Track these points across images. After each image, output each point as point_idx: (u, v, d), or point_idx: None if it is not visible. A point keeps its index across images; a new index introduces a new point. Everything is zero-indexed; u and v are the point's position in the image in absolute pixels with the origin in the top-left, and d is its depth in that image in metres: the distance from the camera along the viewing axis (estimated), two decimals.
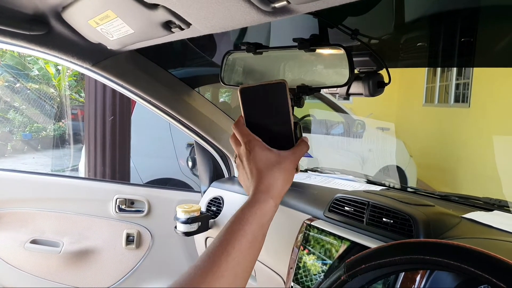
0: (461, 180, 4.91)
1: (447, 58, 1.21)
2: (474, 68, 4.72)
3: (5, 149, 6.43)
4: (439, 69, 5.84)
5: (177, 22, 0.75)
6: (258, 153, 0.65)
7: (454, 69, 5.45)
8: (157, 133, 3.48)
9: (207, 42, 1.35)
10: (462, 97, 5.40)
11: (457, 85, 5.60)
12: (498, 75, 4.14)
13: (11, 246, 1.68)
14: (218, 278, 0.55)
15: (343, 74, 0.70)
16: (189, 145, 2.55)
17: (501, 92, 4.26)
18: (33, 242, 1.69)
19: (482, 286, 0.71)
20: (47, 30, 0.96)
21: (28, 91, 6.41)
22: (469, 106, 5.12)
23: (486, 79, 4.68)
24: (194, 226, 1.40)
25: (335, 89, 0.89)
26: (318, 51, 0.73)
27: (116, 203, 1.69)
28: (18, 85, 6.40)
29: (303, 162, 2.15)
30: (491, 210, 1.08)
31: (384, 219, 0.94)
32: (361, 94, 0.90)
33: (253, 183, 0.65)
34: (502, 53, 1.06)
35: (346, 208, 1.04)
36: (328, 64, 0.74)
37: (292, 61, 0.78)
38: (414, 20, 1.05)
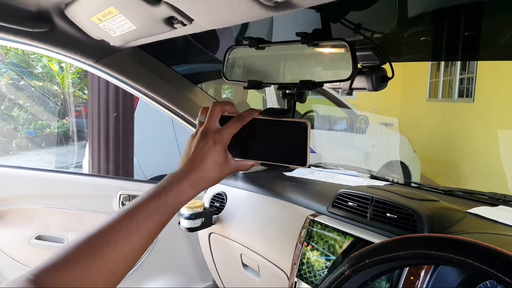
0: (466, 175, 4.89)
1: (451, 52, 1.20)
2: (479, 62, 4.69)
3: (10, 146, 6.46)
4: (442, 64, 5.80)
5: (180, 18, 0.75)
6: (215, 149, 0.66)
7: (458, 64, 5.41)
8: (160, 130, 3.48)
9: (209, 38, 1.35)
10: (466, 92, 5.36)
11: (461, 80, 5.57)
12: (503, 69, 4.11)
13: (16, 242, 1.69)
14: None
15: (346, 69, 0.70)
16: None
17: (505, 86, 4.23)
18: (38, 238, 1.70)
19: (487, 281, 0.71)
20: (50, 27, 0.97)
21: (32, 89, 6.43)
22: (473, 101, 5.09)
23: (490, 74, 4.64)
24: (197, 222, 1.40)
25: (338, 83, 0.88)
26: (321, 45, 0.73)
27: (120, 199, 1.70)
28: (22, 82, 6.42)
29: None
30: (496, 205, 1.07)
31: (388, 214, 0.94)
32: (364, 88, 0.89)
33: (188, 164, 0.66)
34: (506, 46, 1.05)
35: (349, 203, 1.04)
36: (331, 59, 0.74)
37: (295, 56, 0.78)
38: (418, 14, 1.04)
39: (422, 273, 0.77)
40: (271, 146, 0.69)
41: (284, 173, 1.52)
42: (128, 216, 0.60)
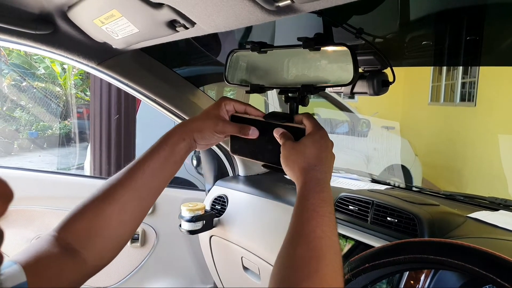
0: (467, 179, 4.88)
1: (453, 57, 1.20)
2: (481, 67, 4.68)
3: (12, 148, 6.47)
4: (444, 68, 5.80)
5: (182, 21, 0.75)
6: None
7: (460, 68, 5.41)
8: (162, 132, 3.47)
9: (211, 41, 1.36)
10: (468, 96, 5.36)
11: (463, 84, 5.56)
12: (505, 74, 4.11)
13: (18, 243, 1.70)
14: None
15: (348, 73, 0.70)
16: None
17: (507, 90, 4.23)
18: None
19: (487, 286, 0.70)
20: (53, 30, 0.97)
21: (34, 90, 6.45)
22: (475, 105, 5.08)
23: (492, 78, 4.64)
24: (198, 225, 1.40)
25: (339, 88, 0.88)
26: (323, 50, 0.73)
27: None
28: (24, 84, 6.44)
29: None
30: (497, 210, 1.07)
31: (388, 218, 0.94)
32: (365, 93, 0.89)
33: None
34: (508, 51, 1.05)
35: (350, 207, 1.04)
36: (333, 63, 0.74)
37: (297, 60, 0.78)
38: (419, 19, 1.04)
39: (422, 277, 0.77)
40: (274, 149, 0.71)
41: (285, 176, 1.52)
42: (141, 166, 0.68)
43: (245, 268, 1.40)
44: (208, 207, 1.54)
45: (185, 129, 0.71)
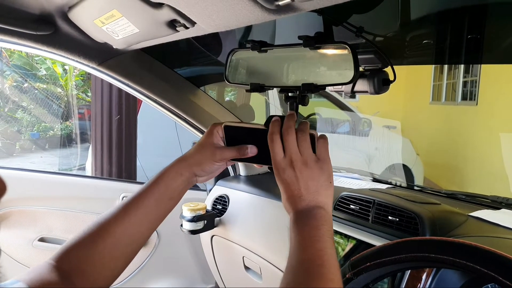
0: (468, 178, 4.87)
1: (454, 56, 1.20)
2: (482, 65, 4.67)
3: (14, 148, 6.48)
4: (446, 67, 5.79)
5: (182, 21, 0.75)
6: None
7: (462, 67, 5.40)
8: (163, 132, 3.49)
9: (212, 41, 1.36)
10: (469, 95, 5.35)
11: (465, 83, 5.55)
12: (507, 72, 4.10)
13: (20, 244, 1.70)
14: None
15: (348, 72, 0.70)
16: (195, 143, 2.55)
17: (509, 89, 4.22)
18: (41, 240, 1.70)
19: (488, 285, 0.70)
20: (54, 30, 0.97)
21: (36, 91, 6.46)
22: (476, 104, 5.07)
23: (494, 76, 4.63)
24: (199, 224, 1.40)
25: (340, 86, 0.88)
26: (323, 49, 0.73)
27: None
28: (26, 85, 6.46)
29: None
30: (499, 209, 1.07)
31: (389, 217, 0.94)
32: (366, 91, 0.89)
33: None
34: (510, 49, 1.05)
35: (351, 206, 1.04)
36: (333, 62, 0.74)
37: (297, 59, 0.78)
38: (420, 17, 1.04)
39: (424, 276, 0.76)
40: None
41: None
42: (136, 203, 0.67)
43: (246, 268, 1.40)
44: (209, 207, 1.54)
45: (183, 165, 0.70)
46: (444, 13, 1.04)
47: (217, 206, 1.52)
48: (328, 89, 0.78)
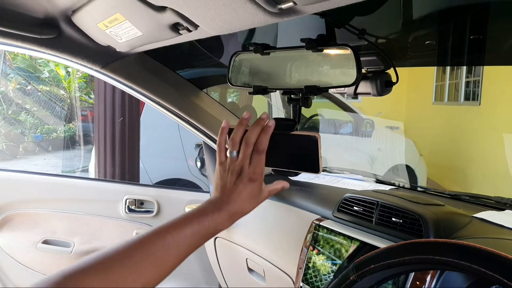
0: (472, 179, 4.86)
1: (456, 57, 1.20)
2: (485, 66, 4.66)
3: (17, 151, 6.51)
4: (448, 67, 5.78)
5: (185, 24, 0.75)
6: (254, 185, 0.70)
7: (464, 67, 5.38)
8: (166, 134, 3.49)
9: (214, 43, 1.36)
10: (472, 95, 5.33)
11: (467, 83, 5.54)
12: (510, 72, 4.09)
13: (24, 246, 1.71)
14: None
15: (351, 74, 0.70)
16: (198, 145, 2.56)
17: None
18: (45, 242, 1.71)
19: (493, 287, 0.70)
20: (58, 34, 0.98)
21: (39, 93, 6.50)
22: (479, 104, 5.06)
23: (497, 77, 4.62)
24: None
25: (342, 88, 0.88)
26: (326, 51, 0.73)
27: (125, 204, 1.71)
28: (29, 87, 6.49)
29: None
30: (503, 210, 1.06)
31: (393, 219, 0.94)
32: (368, 93, 0.89)
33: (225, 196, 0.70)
34: None
35: (355, 208, 1.04)
36: (336, 64, 0.74)
37: (300, 61, 0.78)
38: (422, 18, 1.04)
39: (428, 278, 0.76)
40: (285, 157, 0.73)
41: (289, 177, 1.52)
42: (170, 233, 0.62)
43: (250, 270, 1.40)
44: None
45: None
46: (446, 14, 1.04)
47: None
48: (330, 90, 0.78)
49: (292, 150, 0.72)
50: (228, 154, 0.73)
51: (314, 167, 0.69)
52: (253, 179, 0.69)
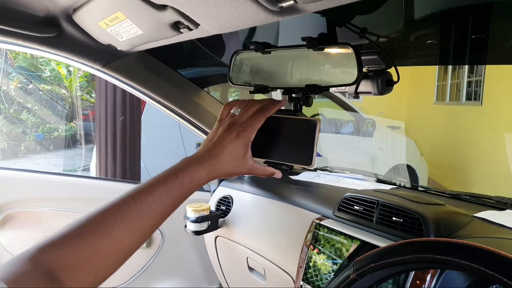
0: (473, 178, 4.85)
1: (458, 56, 1.20)
2: (487, 65, 4.65)
3: (19, 150, 6.52)
4: (450, 67, 5.77)
5: (186, 23, 0.75)
6: (240, 142, 0.67)
7: (466, 67, 5.38)
8: (167, 133, 3.50)
9: (215, 42, 1.36)
10: (474, 95, 5.32)
11: (469, 83, 5.53)
12: (511, 72, 4.08)
13: (25, 245, 1.70)
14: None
15: (352, 73, 0.70)
16: (199, 144, 2.56)
17: None
18: None
19: (493, 286, 0.70)
20: (58, 32, 0.98)
21: (41, 92, 6.50)
22: (481, 104, 5.05)
23: (498, 76, 4.61)
24: (203, 225, 1.41)
25: (343, 87, 0.88)
26: (327, 50, 0.73)
27: None
28: (30, 86, 6.49)
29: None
30: (504, 209, 1.06)
31: (394, 218, 0.94)
32: (369, 92, 0.89)
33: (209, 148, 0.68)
34: None
35: (355, 207, 1.04)
36: (337, 63, 0.74)
37: (301, 60, 0.78)
38: (424, 17, 1.04)
39: (428, 277, 0.76)
40: (279, 143, 0.71)
41: (290, 176, 1.52)
42: (144, 193, 0.59)
43: (250, 269, 1.40)
44: (213, 208, 1.54)
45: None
46: (447, 13, 1.03)
47: (221, 207, 1.52)
48: (331, 90, 0.78)
49: (289, 134, 0.70)
50: (232, 111, 0.72)
51: (307, 158, 0.67)
52: (240, 136, 0.67)
